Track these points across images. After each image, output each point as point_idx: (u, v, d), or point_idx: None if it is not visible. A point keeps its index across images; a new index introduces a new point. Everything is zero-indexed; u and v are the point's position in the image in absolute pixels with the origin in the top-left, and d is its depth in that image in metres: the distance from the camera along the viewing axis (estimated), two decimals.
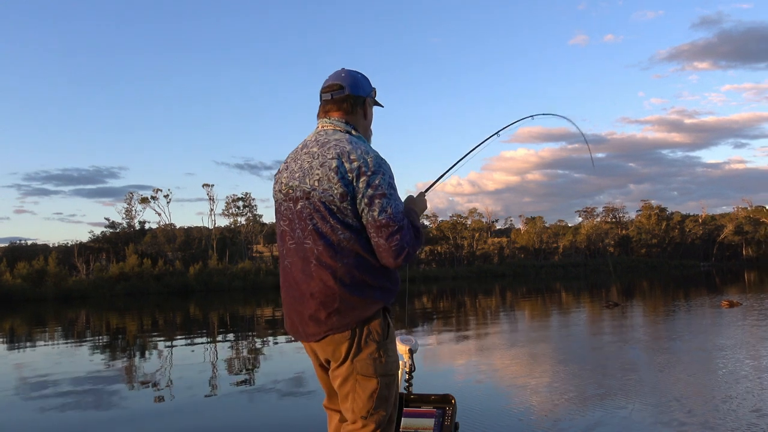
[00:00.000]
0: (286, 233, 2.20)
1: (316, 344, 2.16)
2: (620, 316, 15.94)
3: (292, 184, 2.18)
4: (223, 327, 18.07)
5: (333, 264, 2.07)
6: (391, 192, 2.07)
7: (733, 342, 9.91)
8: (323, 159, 2.11)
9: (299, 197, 2.15)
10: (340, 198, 2.06)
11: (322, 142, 2.17)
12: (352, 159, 2.07)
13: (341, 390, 2.16)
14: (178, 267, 52.72)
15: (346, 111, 2.27)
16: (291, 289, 2.18)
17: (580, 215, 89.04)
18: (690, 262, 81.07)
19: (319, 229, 2.09)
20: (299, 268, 2.13)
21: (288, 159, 2.28)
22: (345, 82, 2.27)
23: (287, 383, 7.75)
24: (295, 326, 2.20)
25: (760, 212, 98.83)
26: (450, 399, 2.80)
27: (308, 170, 2.14)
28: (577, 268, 70.90)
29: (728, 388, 6.38)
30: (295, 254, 2.15)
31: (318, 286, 2.08)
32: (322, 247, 2.08)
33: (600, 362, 8.68)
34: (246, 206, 64.73)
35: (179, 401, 7.05)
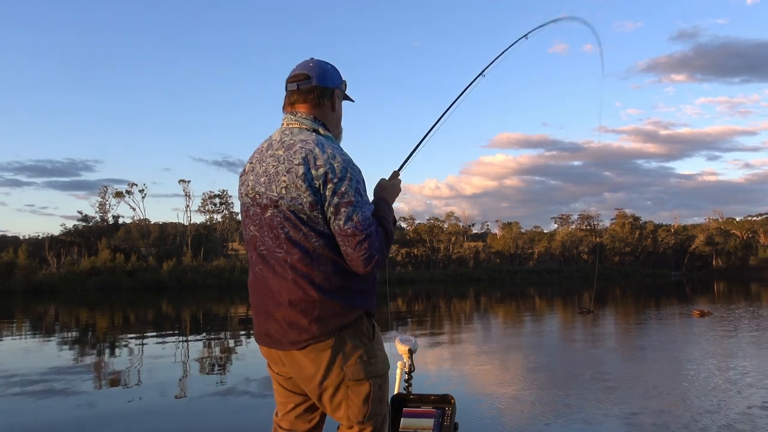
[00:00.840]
0: (256, 238, 2.10)
1: (289, 357, 2.06)
2: (595, 324, 16.10)
3: (258, 190, 2.08)
4: (196, 325, 17.87)
5: (310, 272, 2.00)
6: (358, 199, 1.98)
7: (704, 352, 10.05)
8: (289, 164, 2.00)
9: (267, 205, 2.05)
10: (309, 207, 1.98)
11: (287, 144, 2.05)
12: (318, 165, 1.97)
13: (334, 399, 2.07)
14: (152, 263, 52.02)
15: (312, 103, 2.13)
16: (264, 297, 2.08)
17: (556, 222, 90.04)
18: (662, 271, 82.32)
19: (292, 237, 2.00)
20: (273, 276, 2.04)
21: (253, 159, 2.16)
22: (312, 72, 2.13)
23: (259, 383, 7.67)
24: (270, 335, 2.09)
25: (730, 224, 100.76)
26: (449, 399, 2.81)
27: (274, 176, 2.03)
28: (551, 274, 71.53)
29: (700, 399, 6.47)
30: (266, 262, 2.06)
31: (297, 294, 2.00)
32: (297, 255, 2.00)
33: (575, 371, 8.74)
34: (222, 203, 64.28)
35: (149, 401, 6.93)
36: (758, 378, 7.45)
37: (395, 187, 2.30)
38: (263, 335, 2.12)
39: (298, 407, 2.22)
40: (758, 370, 8.07)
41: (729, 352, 10.03)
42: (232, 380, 8.16)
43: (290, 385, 2.20)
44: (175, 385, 7.86)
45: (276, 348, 2.10)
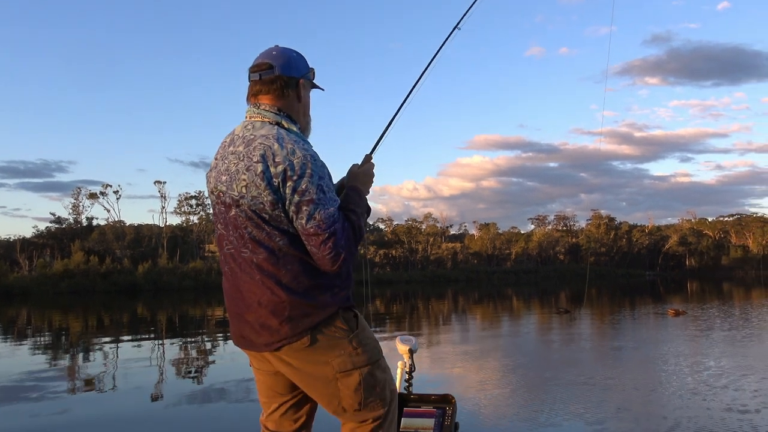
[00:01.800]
0: (223, 237, 2.05)
1: (271, 354, 2.02)
2: (573, 324, 16.24)
3: (221, 189, 2.02)
4: (172, 327, 17.65)
5: (276, 271, 1.93)
6: (320, 196, 1.89)
7: (680, 352, 10.19)
8: (248, 162, 1.93)
9: (230, 204, 1.99)
10: (270, 206, 1.91)
11: (248, 140, 1.97)
12: (277, 162, 1.89)
13: (326, 393, 2.04)
14: (127, 265, 51.30)
15: (276, 94, 2.04)
16: (236, 297, 2.03)
17: (533, 223, 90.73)
18: (636, 271, 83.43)
19: (256, 237, 1.94)
20: (241, 275, 2.00)
21: (217, 155, 2.09)
22: (276, 61, 2.04)
23: (237, 386, 7.59)
24: (245, 336, 2.05)
25: (702, 224, 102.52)
26: (450, 399, 2.80)
27: (234, 174, 1.96)
28: (528, 274, 72.06)
29: (677, 401, 6.54)
30: (234, 261, 2.01)
31: (265, 295, 1.94)
32: (262, 255, 1.94)
33: (554, 372, 8.79)
34: (199, 204, 63.56)
35: (124, 406, 6.82)
36: (732, 379, 7.57)
37: (367, 174, 2.23)
38: (239, 337, 2.09)
39: (282, 406, 2.18)
40: (733, 371, 8.19)
41: (703, 351, 10.19)
42: (209, 383, 8.07)
43: (273, 382, 2.16)
44: (151, 389, 7.75)
45: (252, 350, 2.06)
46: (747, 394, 6.56)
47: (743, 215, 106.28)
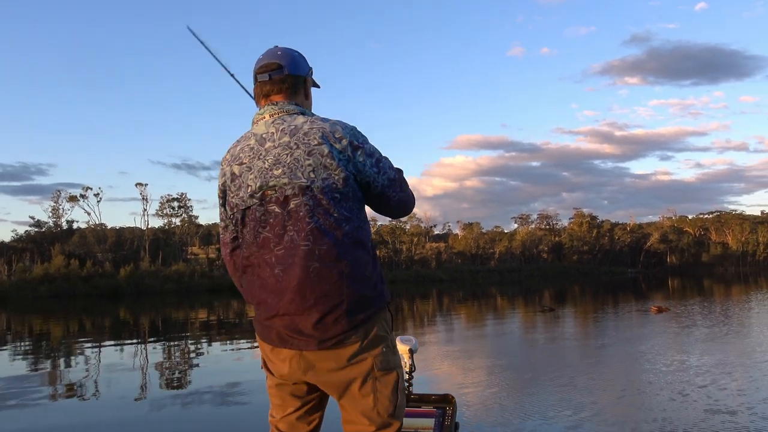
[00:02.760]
0: (269, 240, 1.96)
1: (320, 353, 1.96)
2: (558, 322, 16.33)
3: (274, 184, 1.94)
4: (155, 331, 17.49)
5: (339, 262, 1.92)
6: (380, 152, 2.06)
7: (664, 349, 10.29)
8: (307, 147, 1.92)
9: (292, 195, 1.92)
10: (342, 183, 1.93)
11: (290, 130, 1.96)
12: (339, 137, 1.95)
13: (362, 391, 1.99)
14: (108, 268, 50.71)
15: (287, 93, 2.06)
16: (283, 298, 1.95)
17: (516, 222, 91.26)
18: (618, 269, 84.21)
19: (322, 226, 1.92)
20: (297, 273, 1.92)
21: (242, 159, 2.01)
22: (283, 60, 2.07)
23: (222, 389, 7.52)
24: (291, 337, 1.96)
25: (683, 222, 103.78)
26: (450, 399, 2.79)
27: (294, 163, 1.92)
28: (512, 273, 72.38)
29: (665, 403, 6.59)
30: (286, 260, 1.94)
31: (325, 289, 1.91)
32: (326, 246, 1.92)
33: (543, 371, 8.83)
34: (181, 207, 63.11)
35: (106, 411, 6.72)
36: (715, 378, 7.65)
37: None
38: (280, 337, 1.99)
39: (300, 410, 2.13)
40: (716, 369, 8.29)
41: (687, 350, 10.29)
42: (194, 387, 7.99)
43: (293, 389, 2.10)
44: (135, 394, 7.65)
45: (296, 348, 1.98)
46: (730, 393, 6.63)
47: (722, 212, 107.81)
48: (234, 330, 17.19)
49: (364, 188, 2.02)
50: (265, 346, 2.06)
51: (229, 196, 2.03)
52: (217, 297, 39.10)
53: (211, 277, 54.28)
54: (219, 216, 2.16)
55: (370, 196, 2.05)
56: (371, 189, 2.03)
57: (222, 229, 2.15)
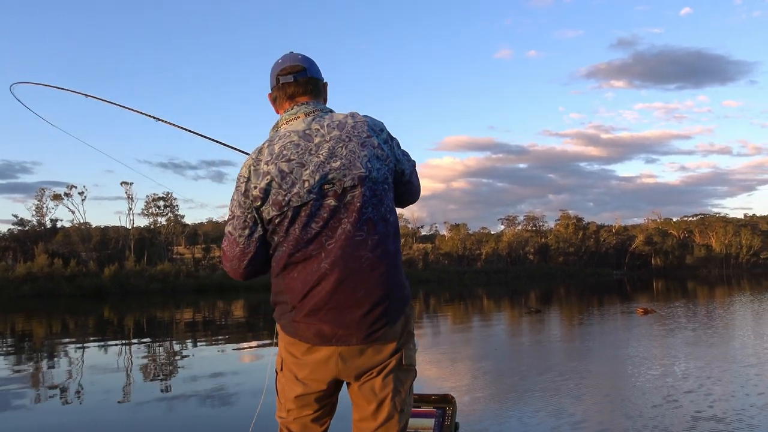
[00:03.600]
0: (320, 235, 1.94)
1: (361, 348, 1.96)
2: (546, 323, 16.38)
3: (333, 177, 1.93)
4: (140, 331, 17.33)
5: (387, 253, 1.97)
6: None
7: (650, 352, 10.35)
8: (359, 139, 1.97)
9: (350, 187, 1.93)
10: (391, 173, 2.03)
11: (337, 125, 1.99)
12: (381, 129, 2.04)
13: (386, 381, 2.01)
14: (92, 268, 50.26)
15: (312, 94, 2.09)
16: (331, 291, 1.93)
17: (503, 223, 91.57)
18: (604, 271, 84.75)
19: (374, 216, 1.95)
20: (349, 264, 1.93)
21: (289, 156, 1.96)
22: (305, 63, 2.11)
23: (207, 390, 7.45)
24: (335, 333, 1.95)
25: (667, 224, 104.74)
26: (450, 399, 2.77)
27: (350, 155, 1.95)
28: (498, 274, 72.62)
29: (650, 402, 6.61)
30: (337, 253, 1.93)
31: (375, 279, 1.94)
32: (378, 236, 1.95)
33: (537, 371, 8.83)
34: (167, 206, 62.69)
35: (89, 411, 6.63)
36: (701, 383, 7.69)
37: None
38: (328, 335, 1.96)
39: (316, 412, 2.10)
40: (701, 373, 8.34)
41: (673, 353, 10.36)
42: (179, 388, 7.90)
43: (316, 393, 2.06)
44: (119, 394, 7.56)
45: (343, 344, 1.96)
46: (716, 398, 6.66)
47: (706, 215, 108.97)
48: (220, 330, 17.08)
49: (398, 177, 2.09)
50: (299, 347, 2.02)
51: (279, 195, 1.94)
52: (203, 297, 38.86)
53: (197, 277, 53.97)
54: (235, 220, 2.01)
55: (399, 184, 2.12)
56: (403, 177, 2.11)
57: (240, 230, 2.00)
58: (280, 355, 2.11)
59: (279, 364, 2.11)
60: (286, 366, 2.08)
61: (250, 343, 13.36)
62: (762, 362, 8.65)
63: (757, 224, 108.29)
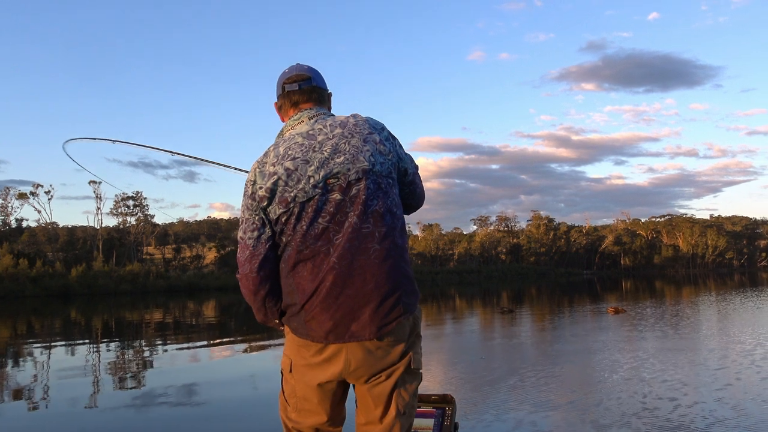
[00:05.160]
0: (327, 230, 1.96)
1: (372, 345, 1.96)
2: (518, 324, 16.50)
3: (338, 171, 1.97)
4: (108, 332, 17.00)
5: (395, 246, 2.00)
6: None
7: (622, 352, 10.47)
8: (362, 136, 2.03)
9: (355, 180, 1.97)
10: (394, 168, 2.07)
11: (339, 124, 2.05)
12: (382, 127, 2.10)
13: (396, 384, 2.02)
14: (59, 268, 49.21)
15: (315, 102, 2.16)
16: (342, 286, 1.94)
17: (475, 223, 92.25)
18: (574, 270, 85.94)
19: (381, 209, 1.98)
20: (357, 257, 1.94)
21: (294, 155, 1.99)
22: (311, 73, 2.18)
23: (178, 392, 7.32)
24: (347, 329, 1.94)
25: (636, 225, 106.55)
26: (450, 399, 2.75)
27: (354, 150, 2.00)
28: (471, 274, 73.12)
29: (622, 401, 6.67)
30: (345, 246, 1.95)
31: (385, 271, 1.95)
32: (385, 228, 1.98)
33: (517, 369, 8.86)
34: (137, 205, 61.71)
35: (55, 417, 6.46)
36: (675, 386, 7.80)
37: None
38: (340, 330, 1.95)
39: (329, 417, 2.08)
40: (674, 372, 8.45)
41: (644, 356, 10.49)
42: (149, 390, 7.74)
43: (327, 394, 2.05)
44: (86, 398, 7.37)
45: (355, 339, 1.95)
46: (684, 396, 6.75)
47: (674, 216, 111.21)
48: (190, 331, 16.85)
49: (401, 176, 2.13)
50: (310, 348, 2.02)
51: (285, 192, 1.98)
52: (173, 298, 38.33)
53: (167, 277, 53.24)
54: (244, 224, 2.03)
55: (403, 185, 2.15)
56: (406, 176, 2.15)
57: (249, 233, 2.02)
58: (288, 357, 2.09)
59: (288, 366, 2.10)
60: (295, 368, 2.07)
61: (221, 344, 13.20)
62: (727, 361, 8.81)
63: (723, 225, 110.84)
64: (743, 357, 8.99)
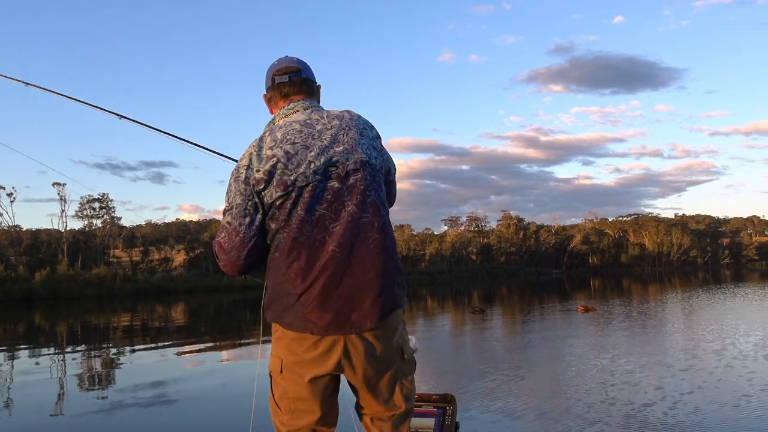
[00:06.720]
0: (324, 218, 1.94)
1: (368, 335, 1.95)
2: (489, 324, 16.58)
3: (337, 159, 1.97)
4: (74, 337, 16.62)
5: (390, 236, 2.03)
6: None
7: (592, 349, 10.59)
8: (357, 129, 2.06)
9: (353, 170, 1.99)
10: (384, 165, 2.11)
11: (335, 116, 2.08)
12: (372, 126, 2.13)
13: (395, 376, 2.05)
14: (22, 272, 47.99)
15: (306, 94, 2.16)
16: (342, 274, 1.91)
17: (446, 224, 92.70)
18: (544, 270, 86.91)
19: (377, 200, 2.01)
20: (357, 245, 1.94)
21: (293, 139, 1.98)
22: (299, 65, 2.19)
23: (146, 398, 7.17)
24: (347, 319, 1.91)
25: (604, 224, 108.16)
26: (450, 398, 2.73)
27: (352, 141, 2.02)
28: (442, 274, 73.41)
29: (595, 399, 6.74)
30: (344, 235, 1.93)
31: (383, 259, 1.97)
32: (381, 219, 2.00)
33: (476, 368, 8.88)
34: (103, 208, 60.54)
35: (20, 424, 6.26)
36: (646, 380, 7.90)
37: None
38: (339, 320, 1.91)
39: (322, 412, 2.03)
40: (644, 369, 8.57)
41: (614, 348, 10.64)
42: (116, 395, 7.57)
43: (323, 391, 2.00)
44: (51, 405, 7.18)
45: (355, 329, 1.92)
46: (658, 393, 6.85)
47: (640, 215, 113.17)
48: (159, 335, 16.56)
49: (385, 174, 2.13)
50: (305, 342, 1.96)
51: (285, 175, 1.94)
52: (141, 301, 37.70)
53: (135, 281, 52.36)
54: (234, 209, 1.97)
55: (385, 183, 2.15)
56: (389, 176, 2.17)
57: (240, 218, 1.96)
58: (278, 357, 2.02)
59: (278, 366, 2.02)
60: (287, 367, 2.00)
61: (190, 348, 13.00)
62: (691, 359, 8.98)
63: (687, 224, 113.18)
64: (709, 355, 9.18)
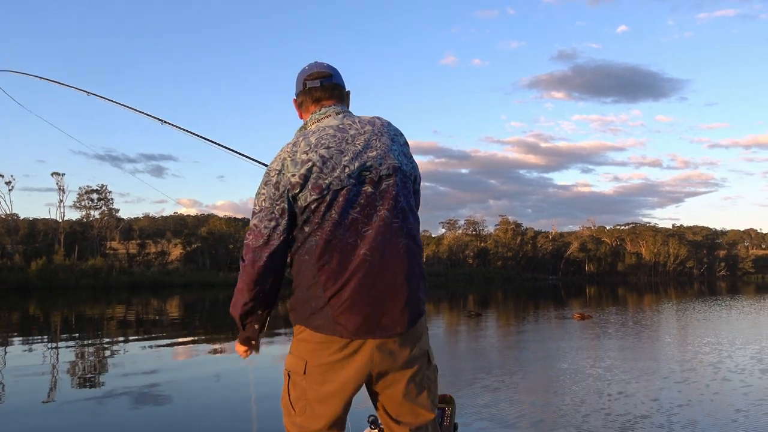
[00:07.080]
0: (357, 222, 1.96)
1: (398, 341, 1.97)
2: (486, 327, 16.57)
3: (371, 164, 2.00)
4: (68, 328, 16.58)
5: (418, 243, 2.06)
6: None
7: (589, 358, 10.58)
8: (390, 135, 2.09)
9: (386, 175, 2.01)
10: (413, 172, 2.14)
11: (367, 122, 2.09)
12: (401, 134, 2.16)
13: (422, 381, 2.06)
14: (18, 261, 47.93)
15: (337, 99, 2.17)
16: (373, 280, 1.93)
17: (444, 227, 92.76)
18: (540, 275, 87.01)
19: (407, 207, 2.04)
20: (388, 250, 1.96)
21: (328, 144, 1.99)
22: (330, 70, 2.19)
23: (139, 391, 7.14)
24: (377, 323, 1.92)
25: (601, 232, 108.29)
26: (449, 399, 2.72)
27: (385, 146, 2.05)
28: (439, 277, 73.43)
29: (590, 408, 6.73)
30: (376, 239, 1.95)
31: (412, 265, 2.00)
32: (411, 225, 2.05)
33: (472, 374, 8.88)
34: (101, 199, 60.50)
35: (11, 416, 6.24)
36: (645, 387, 7.89)
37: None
38: (370, 325, 1.92)
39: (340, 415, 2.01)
40: (643, 378, 8.56)
41: (610, 357, 10.63)
42: (109, 388, 7.54)
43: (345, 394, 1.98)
44: (43, 395, 7.15)
45: (385, 334, 1.93)
46: (660, 404, 6.84)
47: (637, 224, 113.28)
48: (153, 328, 16.53)
49: (413, 182, 2.15)
50: (333, 345, 1.95)
51: (320, 179, 1.95)
52: (136, 293, 37.66)
53: (131, 273, 52.34)
54: (261, 212, 1.99)
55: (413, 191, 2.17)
56: (415, 184, 2.17)
57: (266, 221, 1.97)
58: (301, 359, 2.00)
59: (301, 368, 2.00)
60: (311, 369, 1.98)
61: (185, 341, 12.97)
62: (687, 371, 8.98)
63: (684, 234, 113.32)
64: (705, 368, 9.18)
